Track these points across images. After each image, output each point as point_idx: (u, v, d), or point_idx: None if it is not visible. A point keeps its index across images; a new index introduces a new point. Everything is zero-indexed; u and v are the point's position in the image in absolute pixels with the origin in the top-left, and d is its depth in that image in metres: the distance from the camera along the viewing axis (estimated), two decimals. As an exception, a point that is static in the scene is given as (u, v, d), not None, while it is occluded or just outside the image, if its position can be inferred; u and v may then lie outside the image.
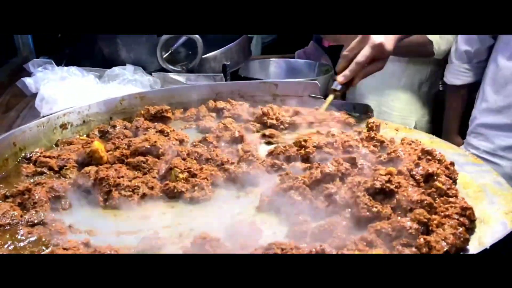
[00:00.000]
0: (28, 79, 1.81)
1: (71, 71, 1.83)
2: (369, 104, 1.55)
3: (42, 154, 1.21)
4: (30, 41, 2.55)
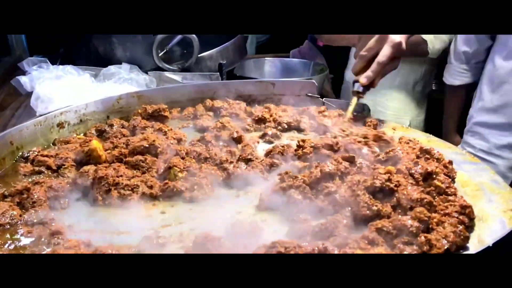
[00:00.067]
0: (23, 78, 1.80)
1: (67, 70, 1.82)
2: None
3: (40, 153, 1.20)
4: (24, 40, 2.53)
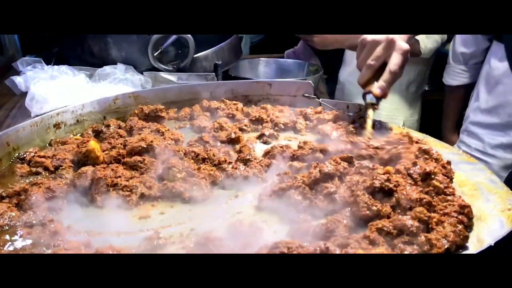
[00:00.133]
0: (18, 78, 1.78)
1: (62, 70, 1.80)
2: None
3: (37, 154, 1.19)
4: (17, 40, 2.51)
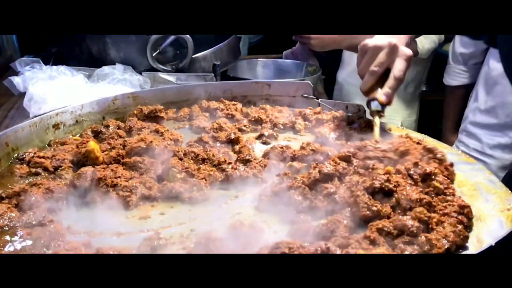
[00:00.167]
0: (16, 78, 1.78)
1: (60, 70, 1.80)
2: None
3: (36, 155, 1.18)
4: (14, 40, 2.50)
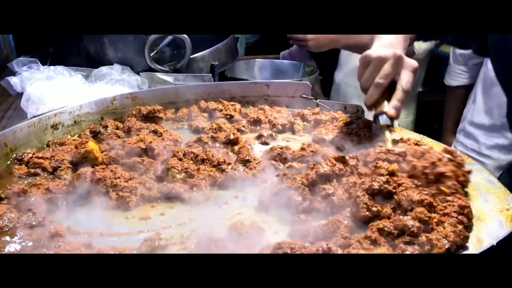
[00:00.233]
0: (14, 79, 1.77)
1: (58, 71, 1.79)
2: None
3: (35, 155, 1.18)
4: (11, 40, 2.49)
